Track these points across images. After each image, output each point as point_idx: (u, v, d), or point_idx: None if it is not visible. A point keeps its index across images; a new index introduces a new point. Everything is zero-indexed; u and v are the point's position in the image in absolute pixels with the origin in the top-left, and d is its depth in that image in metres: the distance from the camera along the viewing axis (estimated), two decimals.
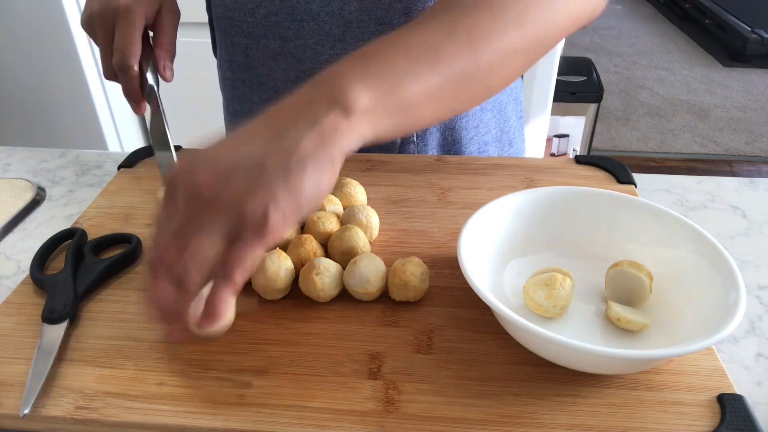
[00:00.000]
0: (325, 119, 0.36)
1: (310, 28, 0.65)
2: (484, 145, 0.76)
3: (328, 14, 0.64)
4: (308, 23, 0.65)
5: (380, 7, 0.63)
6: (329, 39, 0.66)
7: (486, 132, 0.75)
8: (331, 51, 0.66)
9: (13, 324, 0.48)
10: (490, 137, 0.76)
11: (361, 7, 0.63)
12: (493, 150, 0.77)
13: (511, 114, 0.79)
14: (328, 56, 0.67)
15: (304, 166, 0.35)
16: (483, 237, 0.50)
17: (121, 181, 0.67)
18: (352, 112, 0.37)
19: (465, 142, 0.74)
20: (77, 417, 0.41)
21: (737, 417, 0.39)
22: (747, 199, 0.65)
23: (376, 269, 0.48)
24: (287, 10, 0.65)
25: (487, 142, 0.76)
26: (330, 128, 0.36)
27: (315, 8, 0.64)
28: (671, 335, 0.44)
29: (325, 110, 0.36)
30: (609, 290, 0.49)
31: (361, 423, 0.40)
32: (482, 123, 0.74)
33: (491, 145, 0.77)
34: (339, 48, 0.66)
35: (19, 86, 1.76)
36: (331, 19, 0.64)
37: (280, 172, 0.35)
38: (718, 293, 0.43)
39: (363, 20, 0.64)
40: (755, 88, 3.09)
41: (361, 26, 0.65)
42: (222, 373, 0.43)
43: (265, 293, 0.49)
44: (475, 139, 0.75)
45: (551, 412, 0.40)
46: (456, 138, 0.73)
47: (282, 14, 0.65)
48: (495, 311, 0.41)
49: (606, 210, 0.52)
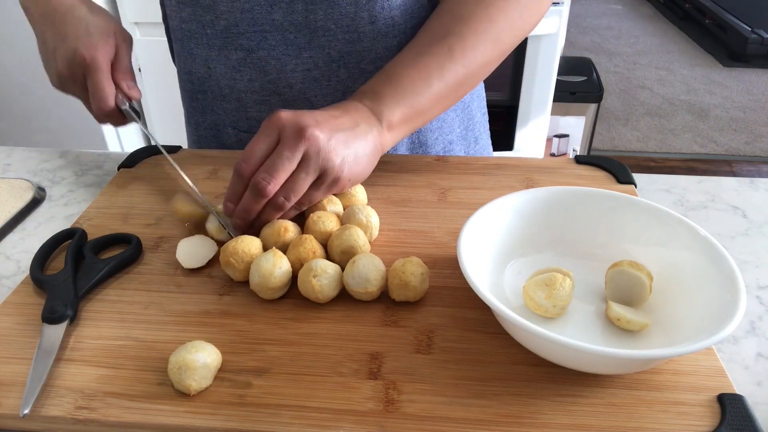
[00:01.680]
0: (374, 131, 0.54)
1: (274, 38, 0.65)
2: (449, 144, 0.77)
3: (292, 24, 0.64)
4: (271, 33, 0.65)
5: (346, 16, 0.63)
6: (294, 48, 0.65)
7: (450, 131, 0.76)
8: (296, 60, 0.66)
9: (13, 324, 0.48)
10: (454, 136, 0.77)
11: (326, 16, 0.63)
12: (458, 148, 0.78)
13: (476, 111, 0.81)
14: (294, 65, 0.66)
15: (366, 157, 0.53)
16: (483, 237, 0.50)
17: (121, 181, 0.67)
18: (391, 129, 0.56)
19: (431, 143, 0.75)
20: (77, 417, 0.41)
21: (737, 417, 0.39)
22: (747, 199, 0.65)
23: (376, 269, 0.48)
24: (248, 21, 0.64)
25: (452, 141, 0.77)
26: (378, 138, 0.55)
27: (278, 18, 0.64)
28: (671, 335, 0.44)
29: (376, 123, 0.55)
30: (609, 290, 0.49)
31: (361, 423, 0.40)
32: (446, 123, 0.75)
33: (456, 144, 0.78)
34: (305, 57, 0.66)
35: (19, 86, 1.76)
36: (295, 28, 0.64)
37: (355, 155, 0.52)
38: (719, 293, 0.43)
39: (329, 29, 0.64)
40: (755, 88, 3.09)
41: (327, 35, 0.64)
42: (222, 373, 0.43)
43: (260, 292, 0.49)
44: (440, 139, 0.76)
45: (551, 412, 0.40)
46: (422, 140, 0.74)
47: (243, 25, 0.65)
48: (495, 311, 0.41)
49: (606, 210, 0.52)
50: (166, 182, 0.67)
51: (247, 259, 0.50)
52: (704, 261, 0.46)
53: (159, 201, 0.64)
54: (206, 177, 0.67)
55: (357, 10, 0.63)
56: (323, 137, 0.50)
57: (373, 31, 0.65)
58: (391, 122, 0.55)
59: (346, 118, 0.52)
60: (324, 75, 0.67)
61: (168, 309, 0.49)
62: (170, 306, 0.50)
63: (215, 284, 0.52)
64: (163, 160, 0.71)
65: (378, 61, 0.67)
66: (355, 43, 0.65)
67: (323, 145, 0.50)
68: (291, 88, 0.68)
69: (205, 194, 0.65)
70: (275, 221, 0.53)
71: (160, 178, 0.68)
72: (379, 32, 0.65)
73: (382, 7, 0.63)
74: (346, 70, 0.67)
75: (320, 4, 0.62)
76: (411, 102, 0.56)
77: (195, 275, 0.53)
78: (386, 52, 0.66)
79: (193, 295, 0.51)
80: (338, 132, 0.51)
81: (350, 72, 0.67)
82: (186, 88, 0.76)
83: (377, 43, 0.66)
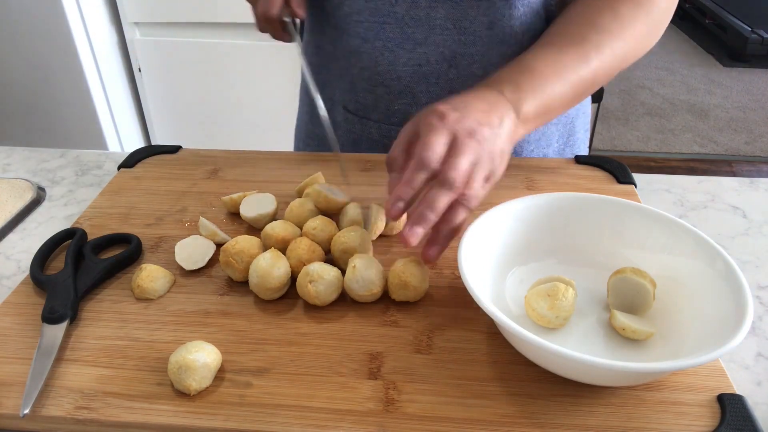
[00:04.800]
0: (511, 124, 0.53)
1: (392, 30, 0.66)
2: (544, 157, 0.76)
3: (412, 18, 0.65)
4: (390, 25, 0.66)
5: (466, 18, 0.64)
6: (410, 42, 0.66)
7: (547, 145, 0.76)
8: (410, 54, 0.67)
9: (13, 324, 0.48)
10: (551, 150, 0.77)
11: (446, 15, 0.64)
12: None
13: (579, 128, 0.80)
14: (407, 59, 0.67)
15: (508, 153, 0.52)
16: (484, 245, 0.49)
17: (121, 181, 0.67)
18: (525, 122, 0.54)
19: (526, 154, 0.75)
20: (77, 417, 0.41)
21: (737, 417, 0.39)
22: (747, 199, 0.65)
23: (377, 270, 0.49)
24: (370, 11, 0.66)
25: (547, 154, 0.76)
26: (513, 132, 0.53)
27: (400, 11, 0.65)
28: (676, 344, 0.44)
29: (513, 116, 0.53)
30: (612, 297, 0.48)
31: (361, 423, 0.40)
32: (544, 136, 0.75)
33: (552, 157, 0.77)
34: (419, 52, 0.67)
35: (19, 86, 1.76)
36: (415, 23, 0.65)
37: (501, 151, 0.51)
38: (724, 301, 0.43)
39: (447, 28, 0.65)
40: (755, 88, 3.09)
41: (444, 33, 0.65)
42: (222, 373, 0.43)
43: (259, 292, 0.49)
44: (536, 152, 0.75)
45: (551, 412, 0.40)
46: (518, 150, 0.74)
47: (365, 14, 0.66)
48: (499, 324, 0.41)
49: (609, 217, 0.52)
50: (166, 182, 0.67)
51: (247, 259, 0.50)
52: (710, 270, 0.46)
53: (159, 201, 0.64)
54: (206, 177, 0.67)
55: (478, 13, 0.64)
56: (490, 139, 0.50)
57: (489, 37, 0.65)
58: (527, 116, 0.54)
59: (494, 115, 0.52)
60: (434, 72, 0.68)
61: (168, 309, 0.49)
62: (170, 306, 0.50)
63: (215, 284, 0.52)
64: (164, 160, 0.71)
65: (489, 67, 0.67)
66: (470, 45, 0.66)
67: (489, 147, 0.50)
68: (399, 80, 0.69)
69: (204, 194, 0.65)
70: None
71: (160, 178, 0.68)
72: (495, 38, 0.66)
73: (502, 15, 0.64)
74: (456, 71, 0.68)
75: (443, 2, 0.64)
76: (546, 97, 0.55)
77: (195, 275, 0.53)
78: (499, 59, 0.67)
79: (193, 295, 0.51)
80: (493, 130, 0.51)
81: (460, 73, 0.68)
82: (311, 61, 0.78)
83: (492, 49, 0.66)
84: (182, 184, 0.66)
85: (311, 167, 0.68)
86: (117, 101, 1.83)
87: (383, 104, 0.72)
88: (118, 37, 1.81)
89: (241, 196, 0.60)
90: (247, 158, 0.71)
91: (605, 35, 0.59)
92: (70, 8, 1.60)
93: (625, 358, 0.44)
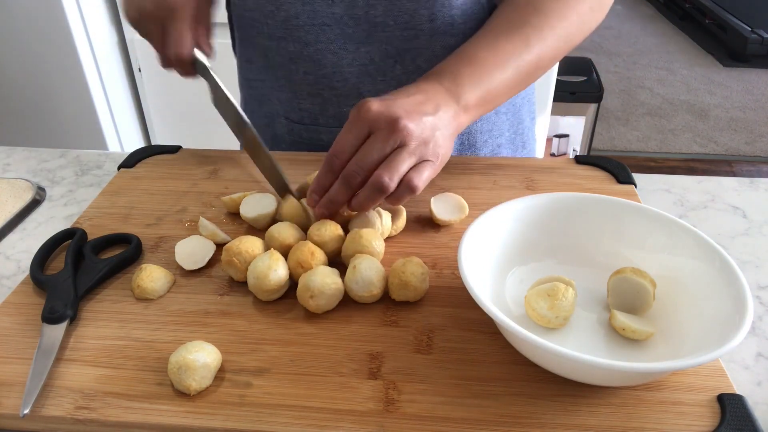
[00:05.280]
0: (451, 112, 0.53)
1: (332, 32, 0.65)
2: (497, 147, 0.77)
3: (352, 18, 0.64)
4: (330, 27, 0.65)
5: (406, 12, 0.64)
6: (352, 42, 0.66)
7: (499, 135, 0.76)
8: (353, 54, 0.66)
9: (13, 324, 0.48)
10: (503, 139, 0.77)
11: (386, 12, 0.64)
12: (506, 152, 0.78)
13: (525, 116, 0.80)
14: (351, 59, 0.67)
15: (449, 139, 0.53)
16: (484, 245, 0.49)
17: (121, 181, 0.67)
18: (467, 110, 0.54)
19: (480, 145, 0.75)
20: (77, 417, 0.41)
21: (737, 417, 0.39)
22: (747, 199, 0.65)
23: (378, 271, 0.48)
24: (308, 14, 0.65)
25: (500, 144, 0.77)
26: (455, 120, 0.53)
27: (338, 12, 0.64)
28: (676, 344, 0.44)
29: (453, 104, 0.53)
30: (612, 298, 0.48)
31: (361, 423, 0.40)
32: (496, 126, 0.75)
33: (505, 147, 0.78)
34: (362, 51, 0.66)
35: (19, 86, 1.76)
36: (354, 23, 0.65)
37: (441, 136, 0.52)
38: (724, 301, 0.43)
39: (388, 24, 0.64)
40: (755, 88, 3.09)
41: (386, 30, 0.65)
42: (222, 373, 0.43)
43: (257, 293, 0.49)
44: (489, 142, 0.75)
45: (551, 412, 0.40)
46: (471, 141, 0.74)
47: (303, 18, 0.65)
48: (499, 324, 0.41)
49: (608, 217, 0.52)
50: (166, 182, 0.67)
51: (250, 260, 0.50)
52: (710, 270, 0.45)
53: (159, 201, 0.63)
54: (206, 177, 0.67)
55: (417, 7, 0.64)
56: (416, 128, 0.50)
57: (431, 29, 0.65)
58: (468, 104, 0.54)
59: (430, 104, 0.52)
60: (379, 70, 0.68)
61: (168, 309, 0.49)
62: (170, 306, 0.50)
63: (215, 284, 0.52)
64: (164, 160, 0.71)
65: (434, 59, 0.67)
66: (413, 40, 0.66)
67: (416, 134, 0.50)
68: (345, 82, 0.69)
69: (204, 194, 0.65)
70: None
71: (160, 178, 0.68)
72: (437, 31, 0.65)
73: (442, 5, 0.64)
74: (402, 67, 0.67)
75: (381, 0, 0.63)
76: (487, 85, 0.56)
77: (195, 275, 0.53)
78: (443, 50, 0.66)
79: (193, 295, 0.51)
80: (425, 117, 0.51)
81: (406, 68, 0.68)
82: (245, 76, 0.77)
83: (435, 41, 0.66)
84: (182, 184, 0.66)
85: (311, 167, 0.68)
86: (117, 101, 1.82)
87: (331, 108, 0.71)
88: (118, 37, 1.81)
89: (241, 196, 0.60)
90: (247, 158, 0.70)
91: (546, 18, 0.59)
92: (70, 8, 1.60)
93: (625, 358, 0.44)
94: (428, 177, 0.51)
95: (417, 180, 0.50)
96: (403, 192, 0.50)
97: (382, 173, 0.49)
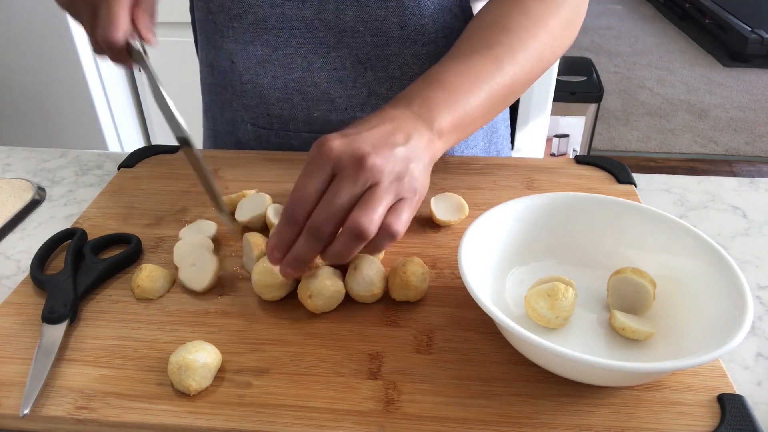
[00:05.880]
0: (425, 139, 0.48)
1: (302, 36, 0.65)
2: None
3: (322, 22, 0.64)
4: (300, 30, 0.64)
5: (376, 19, 0.63)
6: (322, 47, 0.65)
7: (474, 145, 0.76)
8: (323, 59, 0.66)
9: (13, 324, 0.48)
10: (478, 149, 0.77)
11: (356, 17, 0.63)
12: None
13: (500, 124, 0.80)
14: (321, 64, 0.66)
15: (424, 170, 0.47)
16: (484, 245, 0.49)
17: (121, 181, 0.67)
18: (441, 136, 0.50)
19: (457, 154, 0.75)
20: (77, 417, 0.41)
21: (737, 417, 0.39)
22: (747, 199, 0.65)
23: (378, 271, 0.49)
24: (277, 17, 0.64)
25: (476, 155, 0.77)
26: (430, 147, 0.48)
27: (308, 15, 0.63)
28: (676, 344, 0.44)
29: (426, 131, 0.48)
30: (612, 298, 0.48)
31: (361, 423, 0.40)
32: (471, 137, 0.75)
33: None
34: (333, 56, 0.65)
35: (19, 86, 1.76)
36: (325, 27, 0.64)
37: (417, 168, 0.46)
38: (724, 301, 0.43)
39: (358, 30, 0.64)
40: (755, 88, 3.09)
41: (356, 36, 0.64)
42: (222, 373, 0.43)
43: (260, 292, 0.49)
44: (466, 152, 0.75)
45: (551, 412, 0.40)
46: (447, 152, 0.73)
47: (272, 21, 0.64)
48: (498, 324, 0.41)
49: (608, 217, 0.52)
50: (166, 182, 0.67)
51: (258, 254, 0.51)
52: (710, 269, 0.45)
53: (159, 201, 0.63)
54: None
55: (387, 14, 0.63)
56: (387, 163, 0.44)
57: (402, 37, 0.65)
58: (442, 129, 0.50)
59: (399, 133, 0.46)
60: (350, 76, 0.67)
61: (168, 309, 0.49)
62: (170, 306, 0.50)
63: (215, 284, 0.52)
64: (164, 160, 0.71)
65: (405, 67, 0.67)
66: (384, 47, 0.65)
67: (388, 170, 0.44)
68: (315, 87, 0.68)
69: (204, 194, 0.65)
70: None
71: (160, 178, 0.68)
72: (408, 38, 0.65)
73: (412, 14, 0.63)
74: (373, 73, 0.67)
75: (351, 4, 0.62)
76: (461, 110, 0.51)
77: None
78: (414, 59, 0.66)
79: (193, 295, 0.51)
80: (395, 149, 0.45)
81: (376, 75, 0.67)
82: (207, 81, 0.75)
83: (406, 49, 0.66)
84: (182, 184, 0.66)
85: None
86: (117, 101, 1.82)
87: (302, 112, 0.70)
88: None
89: (240, 195, 0.60)
90: (247, 158, 0.70)
91: (517, 37, 0.56)
92: None
93: (625, 358, 0.44)
94: (408, 219, 0.45)
95: (396, 224, 0.43)
96: (383, 239, 0.44)
97: (358, 216, 0.42)
